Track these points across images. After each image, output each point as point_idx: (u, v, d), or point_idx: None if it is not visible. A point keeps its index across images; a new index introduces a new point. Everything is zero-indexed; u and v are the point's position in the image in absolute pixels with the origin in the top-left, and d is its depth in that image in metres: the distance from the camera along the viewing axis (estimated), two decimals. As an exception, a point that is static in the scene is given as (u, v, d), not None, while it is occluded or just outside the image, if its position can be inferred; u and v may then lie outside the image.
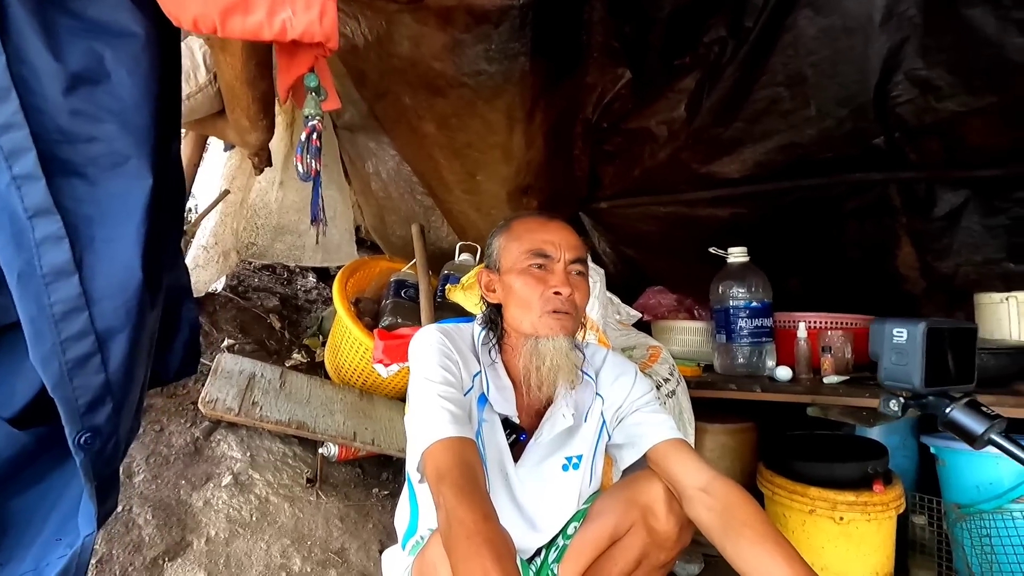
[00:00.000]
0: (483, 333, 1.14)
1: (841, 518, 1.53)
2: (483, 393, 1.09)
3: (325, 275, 3.01)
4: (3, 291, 0.68)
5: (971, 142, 1.78)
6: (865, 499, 1.53)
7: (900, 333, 0.80)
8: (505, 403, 1.09)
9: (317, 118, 0.73)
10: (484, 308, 1.18)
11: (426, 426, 0.95)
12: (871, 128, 1.84)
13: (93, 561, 1.30)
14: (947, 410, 0.82)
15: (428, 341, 1.08)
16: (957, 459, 1.64)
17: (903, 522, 1.73)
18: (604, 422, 1.18)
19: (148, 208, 0.70)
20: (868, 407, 1.59)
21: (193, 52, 1.61)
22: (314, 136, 0.76)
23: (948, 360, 0.82)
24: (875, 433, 1.90)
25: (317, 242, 2.14)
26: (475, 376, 1.09)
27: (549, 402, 1.13)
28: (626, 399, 1.17)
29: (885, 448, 1.70)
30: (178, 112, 0.78)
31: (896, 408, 0.84)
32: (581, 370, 1.17)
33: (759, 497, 1.67)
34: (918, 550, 1.78)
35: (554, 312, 1.05)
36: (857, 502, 1.53)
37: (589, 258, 1.34)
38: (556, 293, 1.05)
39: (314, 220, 0.88)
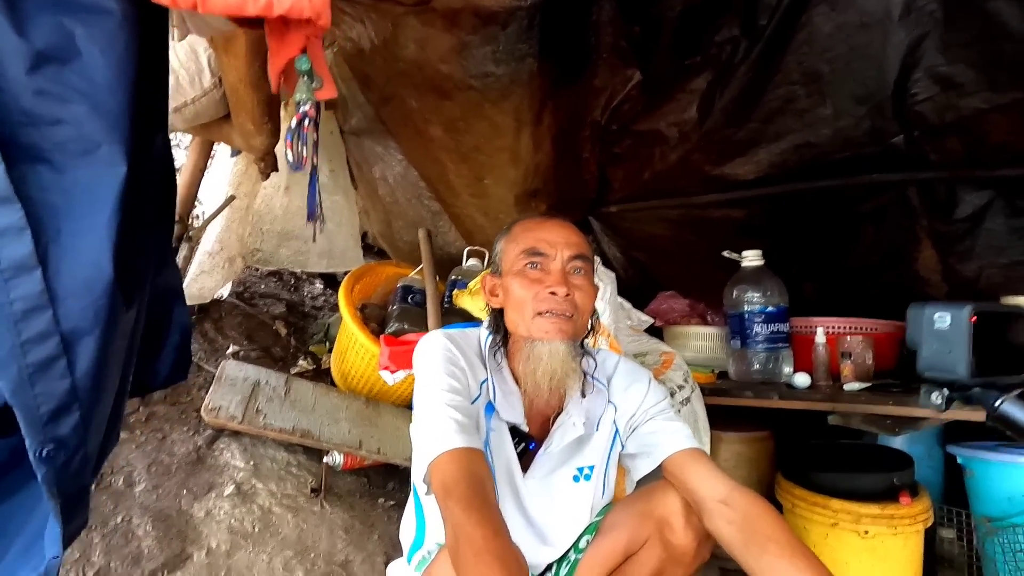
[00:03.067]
0: (489, 338, 1.10)
1: (866, 532, 1.47)
2: (490, 400, 1.04)
3: (332, 281, 2.98)
4: None
5: (994, 140, 1.71)
6: (891, 512, 1.46)
7: (942, 318, 0.71)
8: (512, 410, 1.04)
9: (309, 103, 0.67)
10: (489, 313, 1.14)
11: (432, 437, 0.91)
12: (889, 127, 1.78)
13: (91, 573, 1.27)
14: (997, 403, 0.73)
15: (433, 347, 1.04)
16: (987, 469, 1.57)
17: (930, 536, 1.65)
18: (617, 431, 1.13)
19: (121, 199, 0.64)
20: (892, 415, 1.52)
21: (198, 55, 1.60)
22: (306, 123, 0.69)
23: (997, 347, 0.73)
24: (899, 443, 1.83)
25: (314, 240, 2.02)
26: (482, 383, 1.05)
27: (559, 410, 1.08)
28: (640, 407, 1.12)
29: (911, 458, 1.63)
30: (163, 102, 0.74)
31: (939, 401, 0.75)
32: (592, 377, 1.12)
33: (777, 509, 1.60)
34: (946, 565, 1.71)
35: (548, 313, 1.00)
36: (883, 515, 1.46)
37: (596, 258, 1.29)
38: (552, 293, 1.00)
39: (311, 217, 0.82)
